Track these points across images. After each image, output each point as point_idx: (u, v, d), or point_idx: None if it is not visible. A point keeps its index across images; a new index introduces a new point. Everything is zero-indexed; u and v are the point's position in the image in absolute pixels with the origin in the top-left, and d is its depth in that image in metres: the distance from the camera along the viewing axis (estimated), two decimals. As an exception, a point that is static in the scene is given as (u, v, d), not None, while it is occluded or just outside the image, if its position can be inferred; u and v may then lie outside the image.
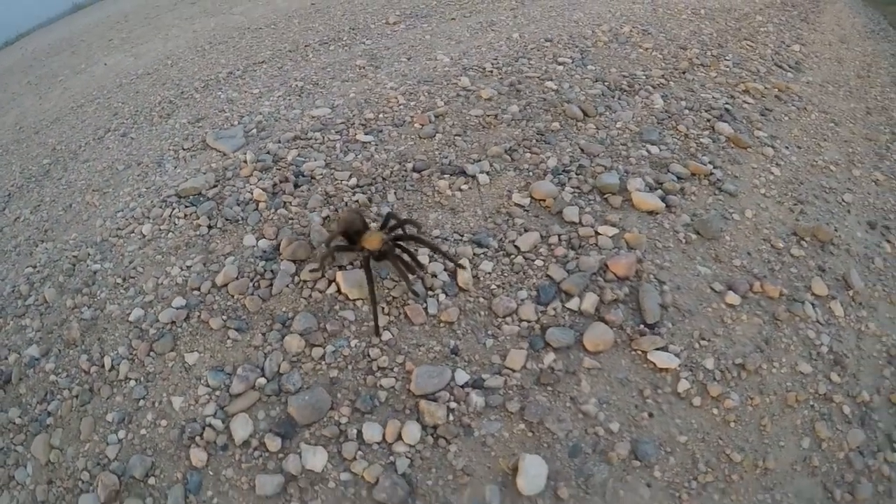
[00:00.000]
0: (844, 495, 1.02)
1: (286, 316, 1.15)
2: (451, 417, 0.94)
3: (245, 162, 1.68)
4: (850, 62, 3.82)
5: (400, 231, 1.14)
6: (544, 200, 1.38)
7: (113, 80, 3.16)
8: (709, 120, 2.06)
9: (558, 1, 3.44)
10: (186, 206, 1.55)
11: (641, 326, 1.12)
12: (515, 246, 1.25)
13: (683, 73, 2.50)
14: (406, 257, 1.09)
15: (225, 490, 0.91)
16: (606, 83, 2.12)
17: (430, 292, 1.14)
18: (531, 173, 1.49)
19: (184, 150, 1.97)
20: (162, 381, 1.10)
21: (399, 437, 0.92)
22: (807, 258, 1.47)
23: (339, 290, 1.17)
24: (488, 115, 1.76)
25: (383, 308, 1.12)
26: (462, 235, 1.27)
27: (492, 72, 2.10)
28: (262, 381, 1.03)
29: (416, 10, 3.20)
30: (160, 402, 1.07)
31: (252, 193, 1.52)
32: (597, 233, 1.29)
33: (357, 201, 1.34)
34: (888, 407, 1.20)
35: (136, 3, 5.41)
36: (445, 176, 1.47)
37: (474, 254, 1.22)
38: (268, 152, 1.72)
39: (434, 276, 1.16)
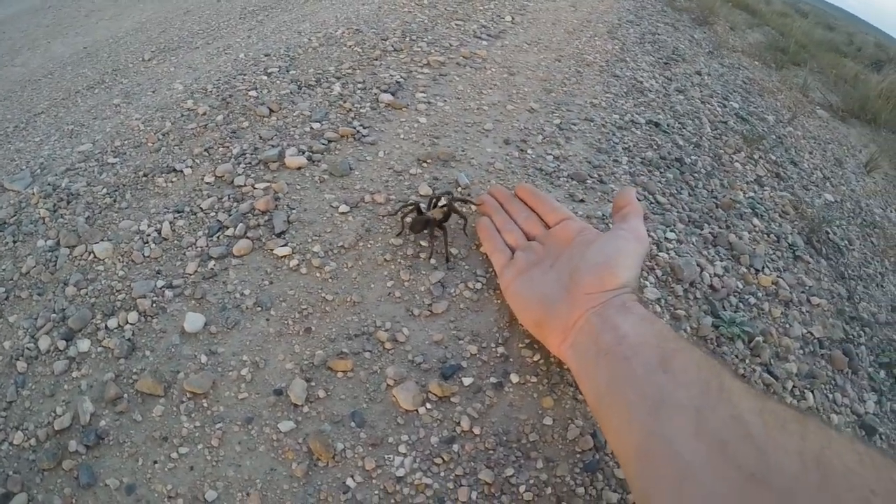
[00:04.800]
0: (423, 311, 1.65)
1: (67, 279, 1.94)
2: (153, 305, 1.77)
3: (33, 194, 2.41)
4: (566, 22, 4.40)
5: (449, 204, 1.80)
6: (223, 176, 2.24)
7: None
8: (375, 94, 2.91)
9: (293, 15, 4.14)
10: (-4, 234, 2.27)
11: (273, 236, 1.98)
12: (200, 207, 2.09)
13: (374, 60, 3.25)
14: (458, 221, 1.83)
15: (38, 379, 1.62)
16: (299, 83, 2.96)
17: (146, 246, 1.98)
18: (220, 161, 2.34)
19: (-13, 195, 2.64)
20: (-4, 334, 1.87)
21: (127, 322, 1.74)
22: (423, 173, 2.19)
23: (95, 257, 1.98)
24: (200, 126, 2.59)
25: (117, 256, 1.95)
26: (168, 209, 2.11)
27: (211, 91, 2.90)
28: (55, 315, 1.83)
29: (168, 44, 3.88)
30: (-2, 348, 1.83)
31: (40, 214, 2.27)
32: (254, 188, 2.16)
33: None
34: (477, 255, 2.03)
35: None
36: (163, 175, 2.29)
37: (174, 217, 2.06)
38: (49, 184, 2.45)
39: (146, 235, 2.01)
